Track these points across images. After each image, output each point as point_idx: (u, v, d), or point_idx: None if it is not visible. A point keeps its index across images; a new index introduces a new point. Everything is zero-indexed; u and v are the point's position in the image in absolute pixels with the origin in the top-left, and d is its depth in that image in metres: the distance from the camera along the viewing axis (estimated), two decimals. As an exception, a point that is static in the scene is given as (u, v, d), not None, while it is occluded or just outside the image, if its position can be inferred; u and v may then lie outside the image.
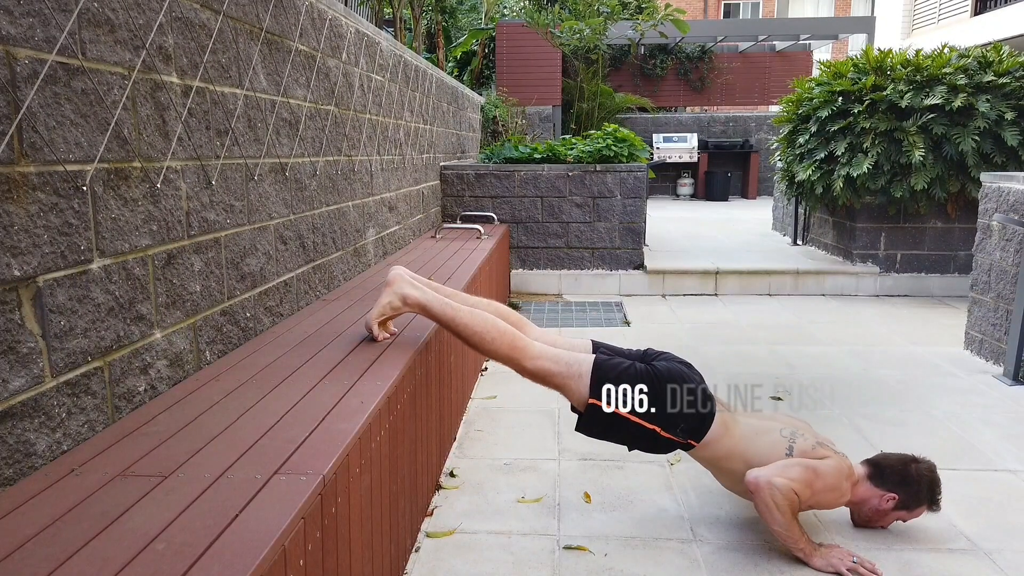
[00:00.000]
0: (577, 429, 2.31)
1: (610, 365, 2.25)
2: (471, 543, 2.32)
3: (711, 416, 2.26)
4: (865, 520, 2.37)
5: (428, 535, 2.36)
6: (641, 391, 2.21)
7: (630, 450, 2.35)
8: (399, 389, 2.06)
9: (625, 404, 2.20)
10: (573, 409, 2.32)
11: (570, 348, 2.39)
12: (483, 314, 2.30)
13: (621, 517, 2.48)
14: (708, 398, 2.28)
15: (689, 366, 2.35)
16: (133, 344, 1.80)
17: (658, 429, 2.22)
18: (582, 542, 2.33)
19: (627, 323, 5.16)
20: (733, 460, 2.27)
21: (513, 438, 3.15)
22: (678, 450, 2.29)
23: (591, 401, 2.21)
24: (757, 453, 2.24)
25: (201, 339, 2.12)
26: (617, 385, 2.21)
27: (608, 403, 2.20)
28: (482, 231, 5.27)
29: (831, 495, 2.22)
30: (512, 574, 2.16)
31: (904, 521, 2.37)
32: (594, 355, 2.29)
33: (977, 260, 4.36)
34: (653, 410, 2.20)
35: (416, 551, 2.28)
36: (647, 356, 2.37)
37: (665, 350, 2.44)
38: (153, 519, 1.26)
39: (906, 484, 2.27)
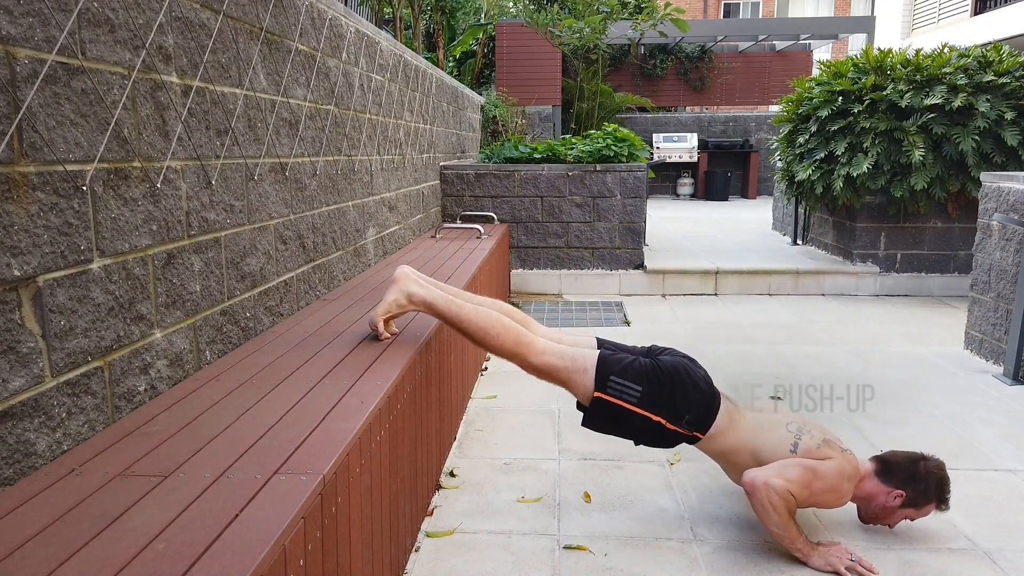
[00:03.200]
0: (584, 424, 2.31)
1: (614, 359, 2.26)
2: (471, 543, 2.32)
3: (716, 407, 2.27)
4: (872, 517, 2.35)
5: (428, 535, 2.36)
6: (646, 384, 2.22)
7: (636, 444, 2.35)
8: (399, 389, 2.06)
9: (628, 396, 2.21)
10: (579, 406, 2.32)
11: (575, 345, 2.39)
12: (488, 311, 2.32)
13: (621, 517, 2.48)
14: (713, 391, 2.29)
15: (693, 361, 2.36)
16: (133, 344, 1.80)
17: (664, 421, 2.22)
18: (582, 542, 2.33)
19: (627, 323, 5.16)
20: (740, 453, 2.27)
21: (513, 438, 3.15)
22: (682, 445, 2.29)
23: (596, 395, 2.22)
24: (763, 447, 2.24)
25: (201, 339, 2.12)
26: (622, 378, 2.22)
27: (614, 396, 2.21)
28: (482, 231, 5.27)
29: (830, 496, 2.21)
30: (512, 574, 2.16)
31: (912, 520, 2.35)
32: (598, 350, 2.30)
33: (977, 260, 4.36)
34: (655, 402, 2.21)
35: (416, 551, 2.28)
36: (651, 352, 2.38)
37: (669, 347, 2.44)
38: (153, 519, 1.26)
39: (914, 481, 2.26)
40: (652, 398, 2.22)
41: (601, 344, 2.39)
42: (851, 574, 2.13)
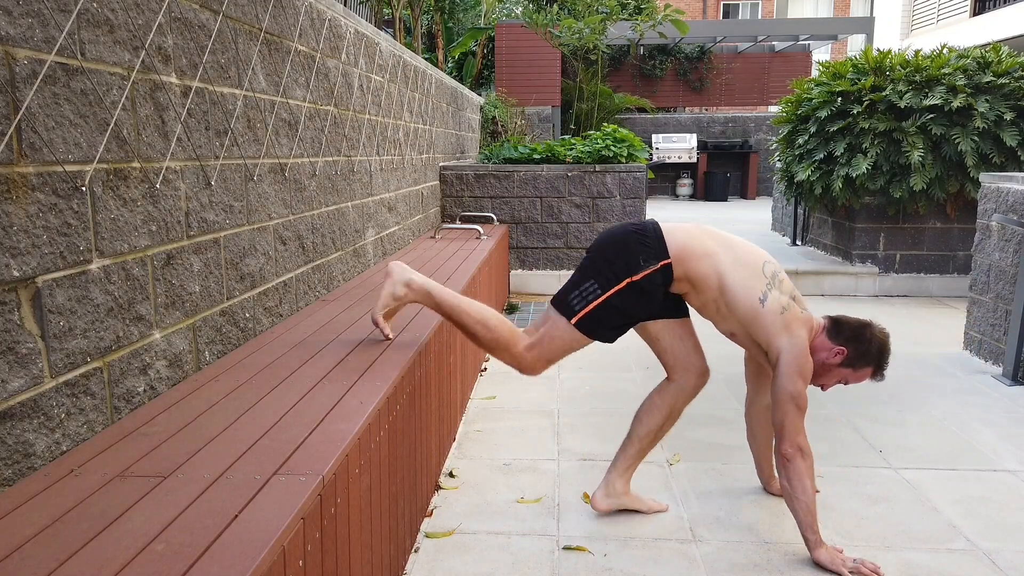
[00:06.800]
0: (606, 342, 2.35)
1: (561, 290, 2.34)
2: (470, 543, 2.32)
3: (653, 228, 2.28)
4: (812, 374, 2.32)
5: (427, 535, 2.36)
6: (592, 274, 2.26)
7: (641, 320, 2.34)
8: (398, 389, 2.06)
9: (590, 296, 2.25)
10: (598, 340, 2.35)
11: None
12: (481, 304, 2.37)
13: (621, 517, 2.48)
14: (642, 223, 2.31)
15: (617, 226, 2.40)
16: (132, 344, 1.80)
17: (630, 279, 2.23)
18: (581, 542, 2.33)
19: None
20: (708, 287, 2.25)
21: (513, 438, 3.15)
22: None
23: (572, 321, 2.27)
24: (731, 285, 2.22)
25: (200, 340, 2.12)
26: (572, 292, 2.28)
27: (580, 307, 2.26)
28: (481, 231, 5.27)
29: (807, 381, 2.21)
30: (511, 574, 2.16)
31: (846, 383, 2.34)
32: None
33: (976, 260, 4.37)
34: (610, 275, 2.23)
35: (415, 551, 2.27)
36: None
37: None
38: (152, 519, 1.26)
39: (857, 341, 2.26)
40: (606, 276, 2.24)
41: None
42: (854, 575, 2.13)
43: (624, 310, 2.27)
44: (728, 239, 2.31)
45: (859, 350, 2.27)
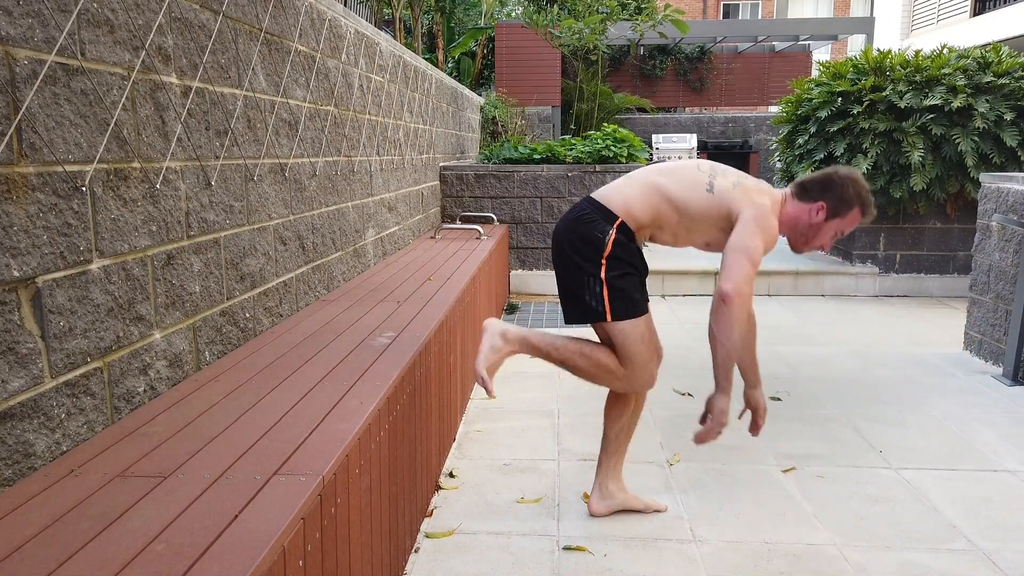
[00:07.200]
0: (646, 306, 2.37)
1: (570, 312, 2.35)
2: (470, 544, 2.32)
3: (590, 202, 2.30)
4: (803, 241, 2.32)
5: (427, 535, 2.36)
6: (579, 282, 2.27)
7: (645, 272, 2.36)
8: (399, 390, 2.06)
9: (598, 290, 2.26)
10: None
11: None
12: (575, 337, 2.38)
13: (621, 517, 2.48)
14: (577, 207, 2.33)
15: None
16: (132, 345, 1.80)
17: (603, 258, 2.24)
18: (582, 542, 2.33)
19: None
20: (665, 212, 2.26)
21: (513, 438, 3.15)
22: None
23: (611, 320, 2.27)
24: (678, 194, 2.24)
25: (200, 340, 2.12)
26: (582, 301, 2.29)
27: (601, 306, 2.26)
28: (481, 232, 5.27)
29: (768, 242, 2.19)
30: (512, 574, 2.16)
31: (843, 234, 2.30)
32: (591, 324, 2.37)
33: (976, 260, 4.37)
34: (589, 265, 2.25)
35: (415, 551, 2.27)
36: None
37: None
38: (152, 519, 1.26)
39: (831, 189, 2.24)
40: (588, 268, 2.25)
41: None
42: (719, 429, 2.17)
43: (627, 274, 2.28)
44: (661, 167, 2.34)
45: (836, 197, 2.23)
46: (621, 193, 2.29)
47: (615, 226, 2.24)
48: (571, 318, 2.34)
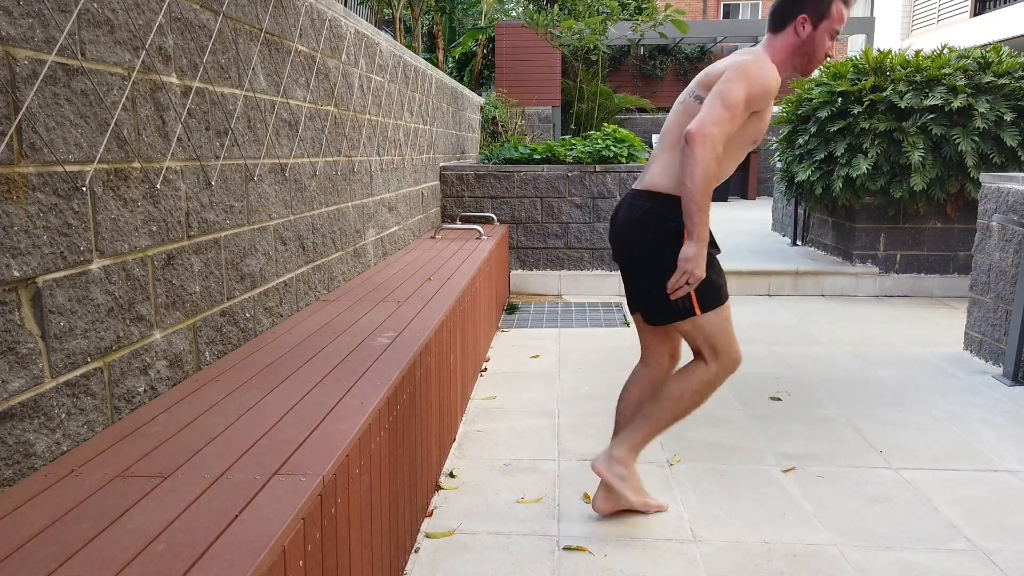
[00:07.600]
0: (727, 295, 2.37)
1: (655, 312, 2.34)
2: (471, 544, 2.32)
3: (661, 198, 2.28)
4: (807, 63, 2.28)
5: (428, 536, 2.36)
6: (661, 281, 2.26)
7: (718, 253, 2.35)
8: (399, 390, 2.06)
9: (690, 302, 2.26)
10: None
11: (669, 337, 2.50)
12: (668, 388, 2.35)
13: (621, 517, 2.48)
14: (622, 208, 2.36)
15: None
16: (133, 345, 1.80)
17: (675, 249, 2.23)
18: (582, 543, 2.33)
19: (627, 323, 5.16)
20: (670, 164, 2.27)
21: (513, 439, 3.15)
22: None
23: (700, 313, 2.26)
24: (679, 130, 2.26)
25: (201, 340, 2.12)
26: (668, 298, 2.26)
27: (688, 302, 2.25)
28: (481, 232, 5.27)
29: (753, 90, 2.15)
30: (512, 575, 2.16)
31: (836, 35, 2.25)
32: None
33: (976, 260, 4.37)
34: (667, 264, 2.24)
35: (416, 552, 2.27)
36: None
37: None
38: (153, 519, 1.26)
39: (800, 1, 2.21)
40: (666, 266, 2.23)
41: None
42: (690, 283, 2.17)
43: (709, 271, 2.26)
44: (662, 129, 2.36)
45: (810, 2, 2.20)
46: (664, 171, 2.25)
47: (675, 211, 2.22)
48: (655, 319, 2.33)
